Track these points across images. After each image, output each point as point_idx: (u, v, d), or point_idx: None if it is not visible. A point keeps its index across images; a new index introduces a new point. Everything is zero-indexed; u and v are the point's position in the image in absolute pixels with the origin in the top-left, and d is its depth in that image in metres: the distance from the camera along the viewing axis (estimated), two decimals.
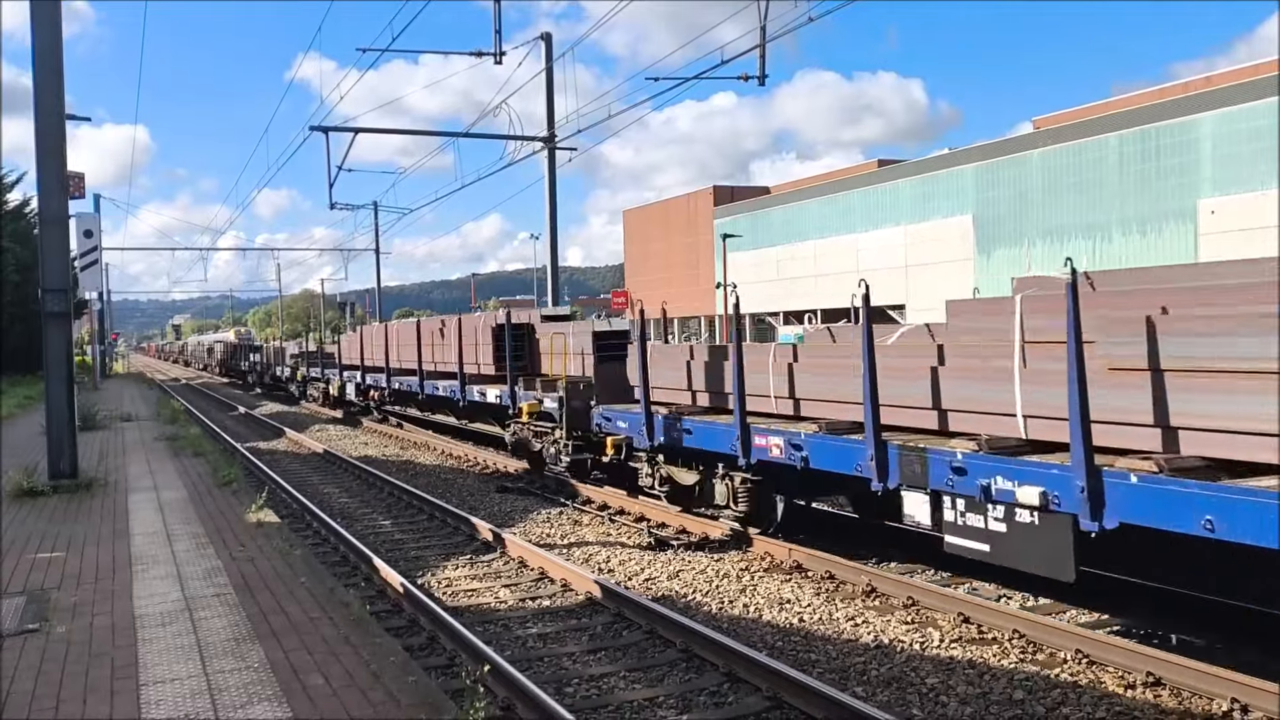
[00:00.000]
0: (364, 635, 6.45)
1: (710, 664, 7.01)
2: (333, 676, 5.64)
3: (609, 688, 6.76)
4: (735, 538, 10.77)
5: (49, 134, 13.06)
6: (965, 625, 7.72)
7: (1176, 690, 6.28)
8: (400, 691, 5.39)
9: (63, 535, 10.03)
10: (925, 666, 6.94)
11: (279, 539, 9.59)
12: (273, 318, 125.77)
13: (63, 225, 13.49)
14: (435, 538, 11.83)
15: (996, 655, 7.10)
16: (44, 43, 12.98)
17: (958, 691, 6.47)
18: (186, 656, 6.05)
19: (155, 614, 7.03)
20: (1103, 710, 6.07)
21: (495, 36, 22.74)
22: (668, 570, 9.83)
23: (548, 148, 24.30)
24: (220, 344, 71.22)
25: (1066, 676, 6.64)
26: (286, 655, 6.03)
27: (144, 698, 5.39)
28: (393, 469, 17.62)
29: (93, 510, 11.47)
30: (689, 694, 6.57)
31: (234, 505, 11.57)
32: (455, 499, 14.23)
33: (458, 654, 7.25)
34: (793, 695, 6.23)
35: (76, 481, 13.05)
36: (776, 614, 8.31)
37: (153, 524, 10.53)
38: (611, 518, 12.36)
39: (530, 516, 12.83)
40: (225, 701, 5.28)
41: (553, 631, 8.05)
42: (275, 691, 5.41)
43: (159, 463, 15.99)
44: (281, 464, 18.89)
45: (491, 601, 8.97)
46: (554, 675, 6.98)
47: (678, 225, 64.84)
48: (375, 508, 14.07)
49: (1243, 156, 31.59)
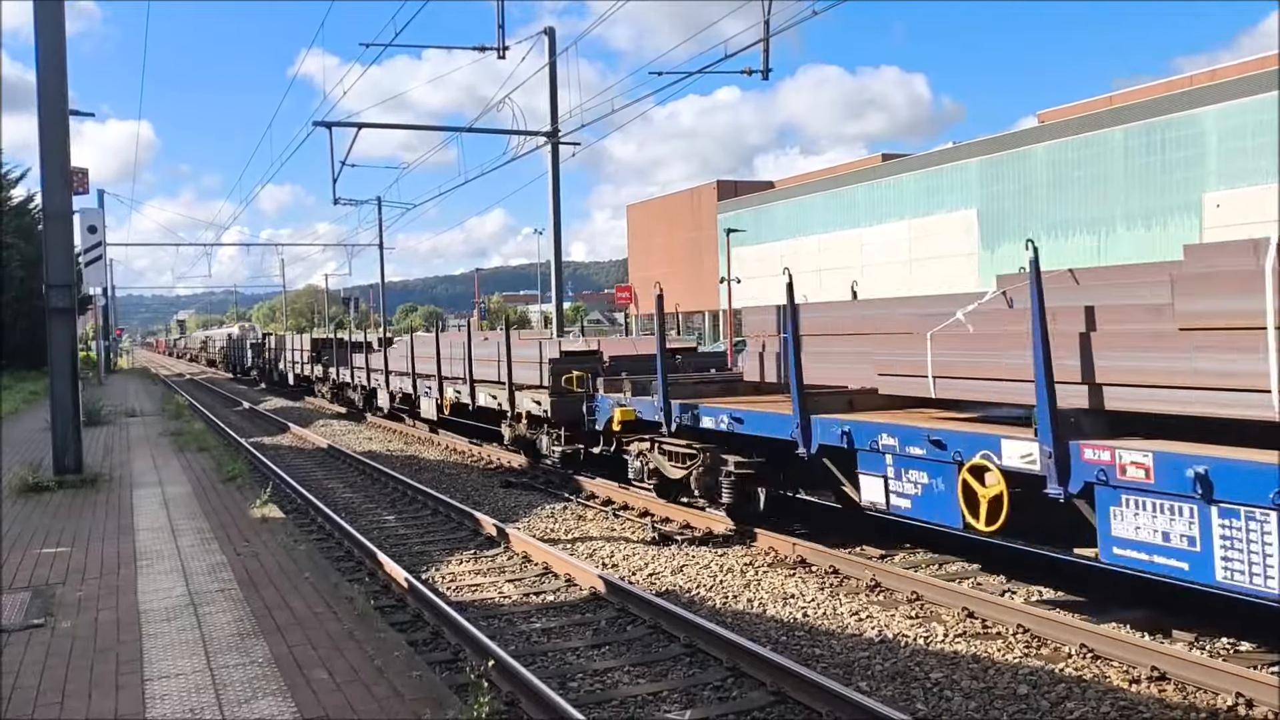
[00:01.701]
0: (368, 630, 6.46)
1: (714, 659, 7.00)
2: (337, 671, 5.65)
3: (613, 683, 6.76)
4: (739, 533, 10.77)
5: (52, 130, 13.07)
6: (970, 620, 7.72)
7: (1181, 685, 6.27)
8: (404, 686, 5.40)
9: (68, 530, 10.05)
10: (930, 661, 6.94)
11: (283, 534, 9.61)
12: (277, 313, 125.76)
13: (67, 221, 13.52)
14: (439, 533, 11.84)
15: (1001, 650, 7.09)
16: (48, 39, 12.99)
17: (962, 686, 6.46)
18: (191, 651, 6.06)
19: (160, 609, 7.04)
20: (1107, 705, 6.06)
21: (498, 31, 22.72)
22: (672, 565, 9.83)
23: (551, 143, 24.26)
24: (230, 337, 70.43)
25: (1071, 671, 6.63)
26: (291, 650, 6.04)
27: (148, 693, 5.40)
28: (397, 464, 17.64)
29: (97, 505, 11.50)
30: (693, 689, 6.58)
31: (238, 500, 11.59)
32: (459, 494, 14.24)
33: (462, 649, 7.26)
34: (797, 690, 6.23)
35: (81, 477, 13.08)
36: (780, 609, 8.31)
37: (157, 519, 10.56)
38: (615, 513, 12.37)
39: (534, 512, 12.84)
40: (230, 696, 5.29)
41: (557, 626, 8.05)
42: (280, 686, 5.42)
43: (164, 458, 16.02)
44: (286, 459, 18.91)
45: (495, 596, 8.98)
46: (558, 670, 6.98)
47: (681, 220, 64.80)
48: (379, 503, 14.09)
49: (1248, 150, 31.48)
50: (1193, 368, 5.76)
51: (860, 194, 49.61)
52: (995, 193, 41.61)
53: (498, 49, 22.77)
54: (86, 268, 18.63)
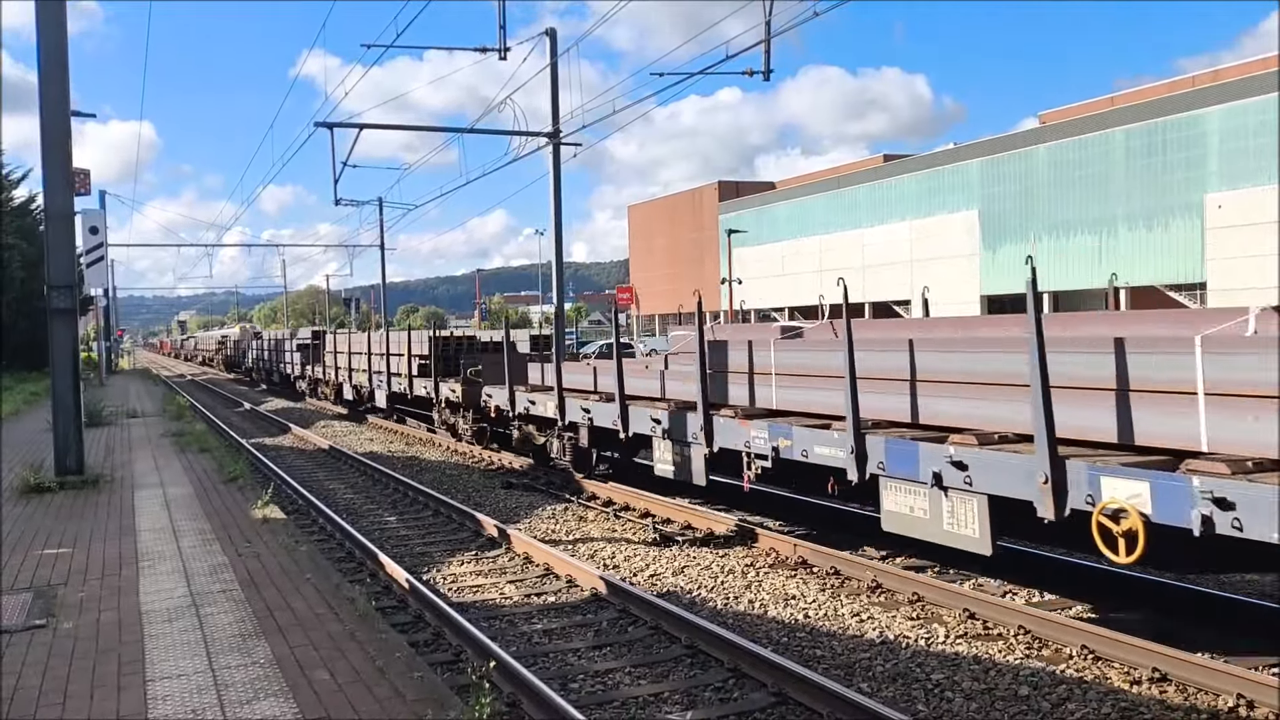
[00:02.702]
0: (369, 631, 6.47)
1: (715, 660, 7.01)
2: (338, 672, 5.66)
3: (614, 684, 6.76)
4: (740, 533, 10.77)
5: (54, 130, 13.09)
6: (971, 621, 7.72)
7: (1182, 686, 6.27)
8: (406, 687, 5.40)
9: (69, 531, 10.06)
10: (930, 662, 6.94)
11: (284, 535, 9.61)
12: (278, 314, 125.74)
13: (68, 221, 13.53)
14: (440, 534, 11.85)
15: (1002, 651, 7.09)
16: (49, 40, 13.00)
17: (963, 687, 6.46)
18: (193, 652, 6.07)
19: (161, 610, 7.05)
20: (1108, 706, 6.07)
21: (500, 32, 22.72)
22: (673, 566, 9.83)
23: (552, 143, 24.26)
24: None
25: (1072, 672, 6.63)
26: (292, 651, 6.04)
27: (150, 693, 5.40)
28: (398, 465, 17.64)
29: (99, 506, 11.51)
30: (694, 690, 6.58)
31: (240, 501, 11.60)
32: (460, 495, 14.24)
33: (463, 650, 7.26)
34: (798, 691, 6.23)
35: (83, 478, 13.09)
36: (781, 610, 8.31)
37: (159, 520, 10.56)
38: (616, 514, 12.37)
39: (535, 512, 12.84)
40: (231, 697, 5.30)
41: (558, 627, 8.05)
42: (281, 687, 5.42)
43: (165, 459, 16.03)
44: (287, 460, 18.92)
45: (497, 597, 8.98)
46: (559, 671, 6.98)
47: (682, 220, 64.80)
48: (381, 504, 14.10)
49: (1250, 151, 31.45)
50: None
51: (862, 195, 49.58)
52: (997, 193, 41.57)
53: (499, 50, 22.76)
54: (88, 268, 18.62)
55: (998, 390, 7.06)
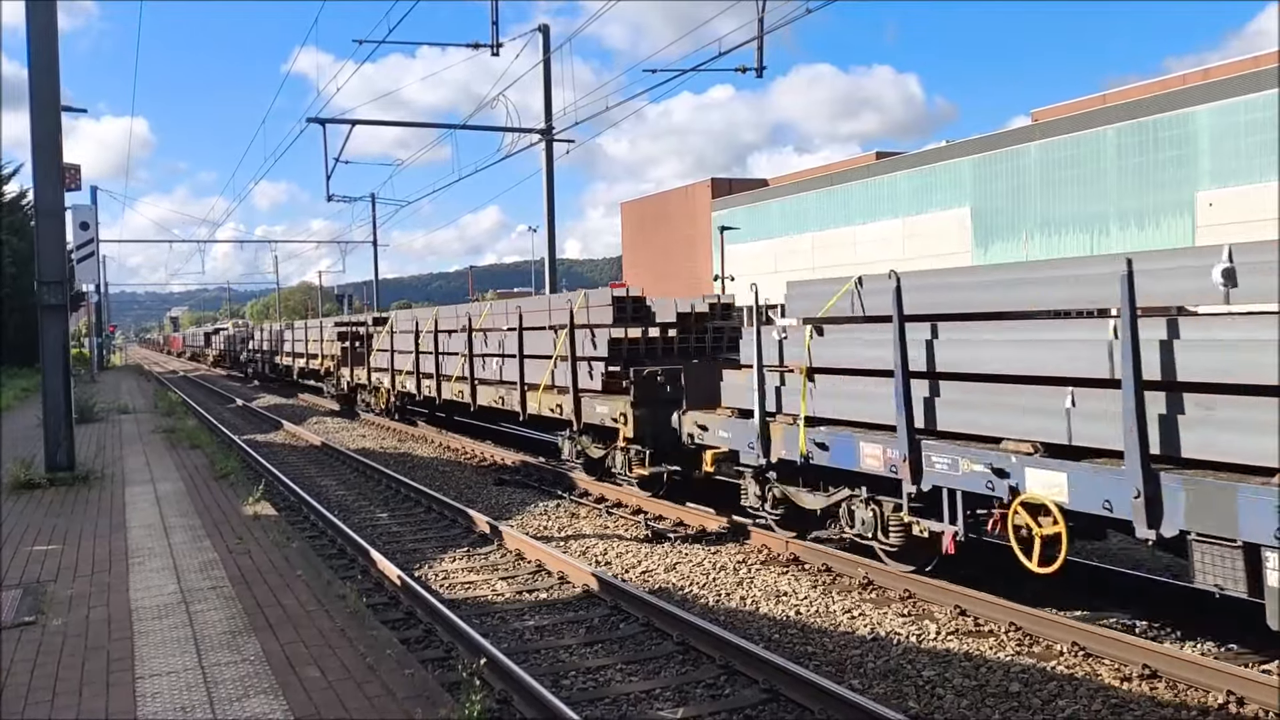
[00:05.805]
0: (360, 628, 6.46)
1: (707, 656, 7.01)
2: (329, 669, 5.64)
3: (606, 680, 6.76)
4: (733, 530, 10.77)
5: (44, 125, 13.02)
6: (962, 618, 7.73)
7: (1172, 683, 6.29)
8: (397, 684, 5.39)
9: (59, 528, 10.02)
10: (922, 659, 6.95)
11: (276, 531, 9.59)
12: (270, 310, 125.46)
13: (59, 217, 13.45)
14: (433, 530, 11.83)
15: (993, 648, 7.11)
16: (39, 35, 12.93)
17: (954, 684, 6.47)
18: (183, 649, 6.05)
19: (152, 607, 7.03)
20: (1098, 703, 6.08)
21: (492, 29, 22.71)
22: (665, 563, 9.83)
23: (545, 140, 24.25)
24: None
25: (1063, 669, 6.65)
26: (283, 648, 6.03)
27: (140, 690, 5.39)
28: (390, 461, 17.61)
29: (90, 502, 11.47)
30: (686, 686, 6.58)
31: (231, 498, 11.57)
32: (453, 491, 14.22)
33: (454, 646, 7.25)
34: (789, 688, 6.24)
35: (74, 474, 13.05)
36: (773, 606, 8.32)
37: (150, 516, 10.53)
38: (609, 510, 12.37)
39: (528, 509, 12.83)
40: (221, 694, 5.28)
41: (550, 624, 8.05)
42: (271, 684, 5.41)
43: (156, 455, 15.98)
44: (279, 456, 18.87)
45: (489, 594, 8.98)
46: (551, 668, 6.98)
47: (675, 218, 64.75)
48: (373, 500, 14.07)
49: (1241, 149, 31.55)
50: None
51: (854, 192, 49.60)
52: (989, 191, 41.65)
53: (491, 46, 22.76)
54: (79, 264, 18.51)
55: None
